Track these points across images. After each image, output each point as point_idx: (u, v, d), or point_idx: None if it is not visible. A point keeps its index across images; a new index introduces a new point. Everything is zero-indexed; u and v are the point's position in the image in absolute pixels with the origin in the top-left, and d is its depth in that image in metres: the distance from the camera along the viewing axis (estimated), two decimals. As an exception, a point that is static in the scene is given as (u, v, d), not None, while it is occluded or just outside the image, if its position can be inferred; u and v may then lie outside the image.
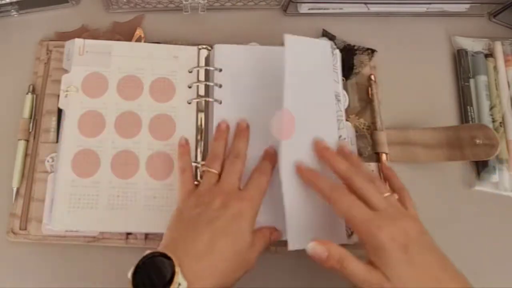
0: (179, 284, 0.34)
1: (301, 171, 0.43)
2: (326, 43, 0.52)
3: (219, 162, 0.46)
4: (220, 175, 0.45)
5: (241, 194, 0.43)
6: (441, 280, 0.36)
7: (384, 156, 0.51)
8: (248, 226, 0.41)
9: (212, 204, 0.41)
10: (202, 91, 0.51)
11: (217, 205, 0.41)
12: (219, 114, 0.50)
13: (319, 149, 0.45)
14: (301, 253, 0.49)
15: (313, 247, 0.39)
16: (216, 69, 0.51)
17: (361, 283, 0.37)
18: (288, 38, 0.47)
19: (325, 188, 0.41)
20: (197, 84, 0.51)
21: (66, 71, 0.51)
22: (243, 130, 0.48)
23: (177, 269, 0.35)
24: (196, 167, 0.48)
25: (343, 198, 0.40)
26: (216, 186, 0.44)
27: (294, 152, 0.44)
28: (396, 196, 0.43)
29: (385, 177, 0.49)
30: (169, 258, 0.35)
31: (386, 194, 0.41)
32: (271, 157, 0.47)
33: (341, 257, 0.38)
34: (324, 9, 0.59)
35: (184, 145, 0.49)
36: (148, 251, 0.37)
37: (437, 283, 0.36)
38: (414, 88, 0.57)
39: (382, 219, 0.38)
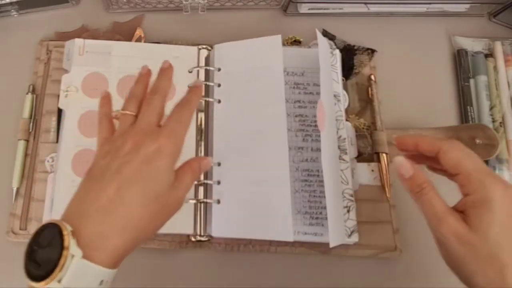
0: (73, 256, 0.29)
1: (400, 139, 0.40)
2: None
3: (136, 103, 0.40)
4: (137, 116, 0.39)
5: (158, 131, 0.36)
6: None
7: (384, 156, 0.51)
8: (166, 164, 0.35)
9: (122, 149, 0.35)
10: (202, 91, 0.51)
11: (128, 148, 0.35)
12: (219, 113, 0.50)
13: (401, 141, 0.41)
14: (301, 253, 0.49)
15: (399, 161, 0.37)
16: (216, 69, 0.52)
17: (435, 219, 0.36)
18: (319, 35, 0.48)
19: (433, 141, 0.38)
20: (197, 84, 0.51)
21: (66, 71, 0.51)
22: (165, 69, 0.42)
23: (67, 239, 0.30)
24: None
25: (455, 149, 0.37)
26: (130, 127, 0.37)
27: (330, 145, 0.44)
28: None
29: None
30: (56, 226, 0.31)
31: None
32: (196, 90, 0.41)
33: (423, 183, 0.36)
34: (324, 9, 0.59)
35: (104, 96, 0.43)
36: (42, 223, 0.32)
37: None
38: (414, 88, 0.57)
39: (496, 176, 0.36)
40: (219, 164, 0.48)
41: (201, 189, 0.48)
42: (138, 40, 0.56)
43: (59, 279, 0.29)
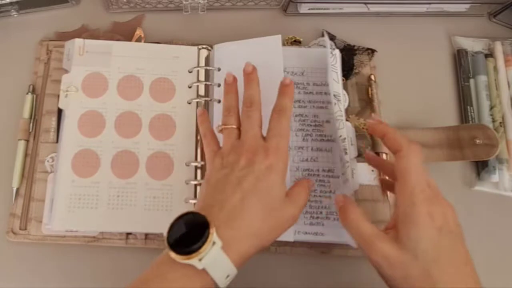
0: (214, 243, 0.33)
1: (373, 124, 0.43)
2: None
3: (235, 116, 0.43)
4: (239, 128, 0.43)
5: (266, 148, 0.39)
6: (461, 272, 0.36)
7: (384, 156, 0.51)
8: (278, 179, 0.38)
9: (237, 163, 0.39)
10: (202, 91, 0.51)
11: (243, 163, 0.39)
12: (219, 113, 0.50)
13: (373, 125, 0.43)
14: (301, 253, 0.49)
15: (336, 199, 0.41)
16: (216, 69, 0.52)
17: (364, 245, 0.37)
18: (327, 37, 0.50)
19: (403, 140, 0.39)
20: (197, 84, 0.51)
21: (66, 71, 0.51)
22: (250, 74, 0.44)
23: (212, 229, 0.34)
24: (196, 167, 0.49)
25: (415, 156, 0.38)
26: (239, 142, 0.41)
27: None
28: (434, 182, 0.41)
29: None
30: (203, 217, 0.34)
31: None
32: (286, 90, 0.43)
33: (350, 211, 0.39)
34: (324, 9, 0.59)
35: (202, 114, 0.48)
36: (184, 211, 0.36)
37: (457, 273, 0.35)
38: (414, 88, 0.57)
39: (430, 196, 0.37)
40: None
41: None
42: (138, 40, 0.56)
43: (200, 258, 0.33)
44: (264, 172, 0.38)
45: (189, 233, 0.34)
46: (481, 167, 0.53)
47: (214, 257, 0.33)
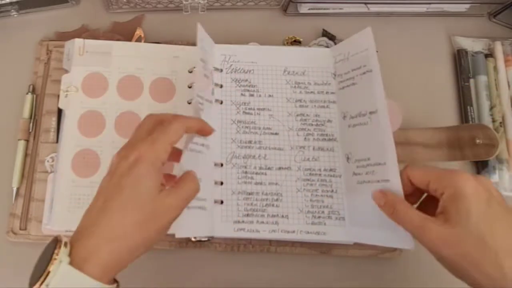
0: (60, 262, 0.30)
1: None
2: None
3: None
4: None
5: (141, 142, 0.36)
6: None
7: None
8: (147, 169, 0.34)
9: (111, 167, 0.36)
10: (202, 91, 0.51)
11: (114, 166, 0.35)
12: (220, 114, 0.50)
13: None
14: (301, 253, 0.49)
15: (374, 197, 0.41)
16: (216, 69, 0.52)
17: (417, 230, 0.36)
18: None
19: (402, 173, 0.41)
20: (197, 84, 0.51)
21: (66, 71, 0.51)
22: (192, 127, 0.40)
23: (58, 248, 0.31)
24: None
25: (416, 166, 0.40)
26: (126, 143, 0.38)
27: None
28: None
29: None
30: (55, 240, 0.32)
31: None
32: (203, 127, 0.40)
33: (395, 202, 0.39)
34: (324, 9, 0.59)
35: None
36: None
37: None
38: (414, 88, 0.57)
39: (463, 171, 0.37)
40: (221, 165, 0.48)
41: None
42: (138, 40, 0.56)
43: (47, 283, 0.30)
44: (130, 166, 0.34)
45: (41, 258, 0.32)
46: (481, 167, 0.53)
47: (62, 278, 0.30)
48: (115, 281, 0.34)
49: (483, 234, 0.34)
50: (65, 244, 0.32)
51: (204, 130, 0.40)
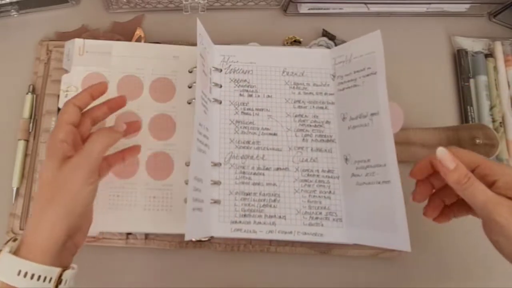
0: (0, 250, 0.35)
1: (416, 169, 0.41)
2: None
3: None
4: None
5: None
6: None
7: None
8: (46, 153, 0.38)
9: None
10: (202, 91, 0.51)
11: None
12: (219, 114, 0.50)
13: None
14: (301, 253, 0.49)
15: (442, 153, 0.37)
16: (216, 69, 0.52)
17: (490, 204, 0.35)
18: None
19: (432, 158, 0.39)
20: (197, 84, 0.51)
21: (66, 71, 0.51)
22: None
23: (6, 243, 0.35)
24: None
25: (459, 149, 0.38)
26: None
27: None
28: None
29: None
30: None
31: None
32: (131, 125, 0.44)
33: (468, 173, 0.36)
34: (324, 9, 0.59)
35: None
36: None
37: None
38: (414, 88, 0.57)
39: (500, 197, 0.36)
40: (219, 165, 0.48)
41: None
42: (138, 40, 0.56)
43: None
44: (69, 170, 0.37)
45: None
46: (481, 167, 0.53)
47: (4, 263, 0.34)
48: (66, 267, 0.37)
49: None
50: (15, 239, 0.36)
51: (97, 91, 0.42)
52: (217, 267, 0.49)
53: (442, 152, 0.36)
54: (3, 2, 0.54)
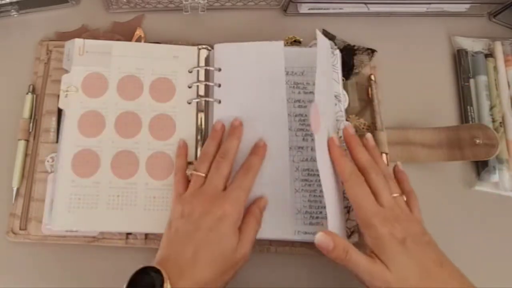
0: None
1: (331, 147, 0.45)
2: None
3: (208, 164, 0.45)
4: (207, 176, 0.45)
5: (222, 196, 0.43)
6: (437, 273, 0.38)
7: (384, 156, 0.51)
8: (230, 229, 0.41)
9: (192, 215, 0.42)
10: (202, 91, 0.51)
11: (198, 213, 0.42)
12: (219, 114, 0.50)
13: (347, 135, 0.46)
14: (301, 253, 0.49)
15: (319, 238, 0.40)
16: (216, 69, 0.52)
17: (364, 273, 0.39)
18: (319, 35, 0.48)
19: (346, 171, 0.43)
20: (197, 84, 0.51)
21: (66, 71, 0.51)
22: (235, 128, 0.48)
23: (166, 283, 0.36)
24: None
25: (357, 186, 0.42)
26: (200, 190, 0.44)
27: (324, 144, 0.45)
28: (404, 198, 0.44)
29: (397, 179, 0.47)
30: (159, 272, 0.37)
31: (396, 195, 0.43)
32: (259, 151, 0.47)
33: (345, 248, 0.39)
34: (324, 9, 0.59)
35: (181, 147, 0.49)
36: (141, 266, 0.38)
37: (435, 276, 0.38)
38: (414, 88, 0.57)
39: (386, 216, 0.40)
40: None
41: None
42: (138, 40, 0.56)
43: None
44: (216, 222, 0.41)
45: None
46: (481, 167, 0.53)
47: None
48: None
49: (404, 269, 0.38)
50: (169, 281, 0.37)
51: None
52: (217, 267, 0.49)
53: (318, 239, 0.40)
54: (3, 2, 0.54)
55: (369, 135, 0.47)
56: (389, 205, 0.41)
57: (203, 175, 0.45)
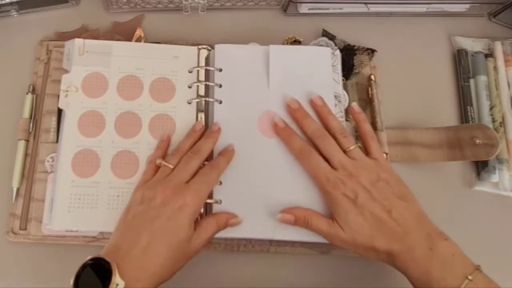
0: (117, 285, 0.36)
1: (277, 129, 0.48)
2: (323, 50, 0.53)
3: (178, 158, 0.46)
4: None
5: (185, 187, 0.43)
6: (387, 221, 0.41)
7: (384, 156, 0.51)
8: (187, 221, 0.41)
9: (153, 200, 0.42)
10: (202, 91, 0.51)
11: (158, 201, 0.42)
12: (219, 114, 0.50)
13: (291, 111, 0.48)
14: (301, 253, 0.49)
15: (280, 218, 0.45)
16: (216, 69, 0.52)
17: (325, 237, 0.44)
18: (273, 48, 0.52)
19: (295, 148, 0.46)
20: (197, 84, 0.51)
21: (66, 71, 0.51)
22: (213, 132, 0.48)
23: (115, 272, 0.36)
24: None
25: (308, 159, 0.45)
26: (164, 179, 0.44)
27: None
28: (359, 145, 0.46)
29: (356, 121, 0.49)
30: (107, 262, 0.37)
31: (351, 147, 0.45)
32: (228, 153, 0.47)
33: (306, 217, 0.44)
34: (324, 9, 0.59)
35: (163, 140, 0.49)
36: (88, 257, 0.38)
37: (385, 224, 0.41)
38: (414, 88, 0.57)
39: (338, 178, 0.43)
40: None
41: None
42: (138, 40, 0.56)
43: None
44: (176, 212, 0.41)
45: (93, 278, 0.37)
46: (481, 167, 0.53)
47: None
48: None
49: (354, 228, 0.42)
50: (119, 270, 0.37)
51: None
52: (217, 267, 0.49)
53: (280, 219, 0.45)
54: (3, 2, 0.54)
55: (314, 98, 0.49)
56: (341, 165, 0.44)
57: (172, 167, 0.45)
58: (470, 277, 0.38)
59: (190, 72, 0.52)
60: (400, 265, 0.41)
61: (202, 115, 0.51)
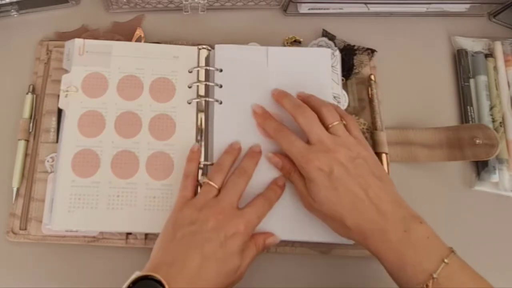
0: None
1: (255, 115, 0.49)
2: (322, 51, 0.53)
3: (223, 177, 0.45)
4: (220, 190, 0.44)
5: (239, 215, 0.42)
6: (363, 201, 0.40)
7: (384, 156, 0.51)
8: (237, 249, 0.41)
9: (206, 223, 0.41)
10: (202, 91, 0.51)
11: (211, 225, 0.41)
12: (219, 114, 0.50)
13: (275, 95, 0.49)
14: (301, 253, 0.49)
15: (270, 158, 0.47)
16: (216, 69, 0.52)
17: (299, 194, 0.45)
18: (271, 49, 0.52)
19: (270, 130, 0.47)
20: (197, 84, 0.51)
21: (66, 71, 0.51)
22: (255, 152, 0.48)
23: None
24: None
25: (283, 138, 0.45)
26: (214, 201, 0.43)
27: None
28: (344, 122, 0.45)
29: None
30: (159, 282, 0.36)
31: (335, 123, 0.44)
32: (278, 189, 0.47)
33: (290, 169, 0.45)
34: (324, 9, 0.59)
35: (195, 151, 0.48)
36: (137, 273, 0.37)
37: (360, 204, 0.40)
38: (414, 88, 0.57)
39: (314, 153, 0.42)
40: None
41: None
42: (138, 40, 0.56)
43: None
44: (228, 239, 0.41)
45: None
46: (481, 167, 0.53)
47: None
48: None
49: (324, 202, 0.42)
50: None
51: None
52: (217, 267, 0.49)
53: (268, 156, 0.47)
54: (3, 2, 0.54)
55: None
56: (319, 140, 0.43)
57: (217, 187, 0.44)
58: (446, 260, 0.37)
59: (190, 72, 0.52)
60: (373, 247, 0.40)
61: (202, 115, 0.51)
